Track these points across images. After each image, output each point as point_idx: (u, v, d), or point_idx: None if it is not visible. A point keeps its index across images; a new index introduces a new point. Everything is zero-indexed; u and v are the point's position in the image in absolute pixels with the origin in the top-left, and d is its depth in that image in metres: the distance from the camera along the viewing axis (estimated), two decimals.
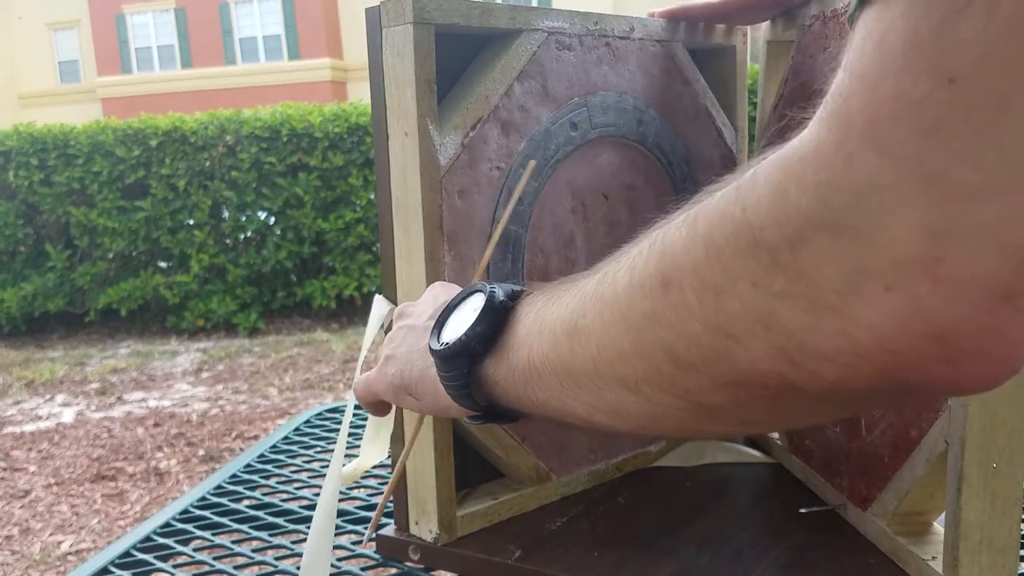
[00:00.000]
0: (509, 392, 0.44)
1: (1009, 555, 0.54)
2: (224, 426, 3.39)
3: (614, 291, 0.36)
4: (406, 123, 0.61)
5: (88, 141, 5.02)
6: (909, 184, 0.25)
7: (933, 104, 0.25)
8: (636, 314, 0.34)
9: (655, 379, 0.34)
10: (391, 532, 0.69)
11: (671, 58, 0.77)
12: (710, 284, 0.31)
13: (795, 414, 0.34)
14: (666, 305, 0.33)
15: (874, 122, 0.26)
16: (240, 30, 17.91)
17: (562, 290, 0.41)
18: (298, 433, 1.05)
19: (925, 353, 0.27)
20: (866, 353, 0.27)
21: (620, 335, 0.35)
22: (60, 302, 5.26)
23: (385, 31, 0.61)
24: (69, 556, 2.35)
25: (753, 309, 0.29)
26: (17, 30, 19.04)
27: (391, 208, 0.64)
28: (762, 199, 0.29)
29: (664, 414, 0.35)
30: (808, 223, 0.27)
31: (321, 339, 4.84)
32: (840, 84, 0.28)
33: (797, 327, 0.28)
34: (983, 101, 0.24)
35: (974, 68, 0.24)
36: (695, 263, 0.31)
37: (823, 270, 0.27)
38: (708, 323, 0.31)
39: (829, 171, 0.27)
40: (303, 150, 4.96)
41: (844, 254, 0.27)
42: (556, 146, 0.69)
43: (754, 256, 0.29)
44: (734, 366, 0.31)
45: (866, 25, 0.27)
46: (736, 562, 0.63)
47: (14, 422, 3.63)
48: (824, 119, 0.28)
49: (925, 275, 0.26)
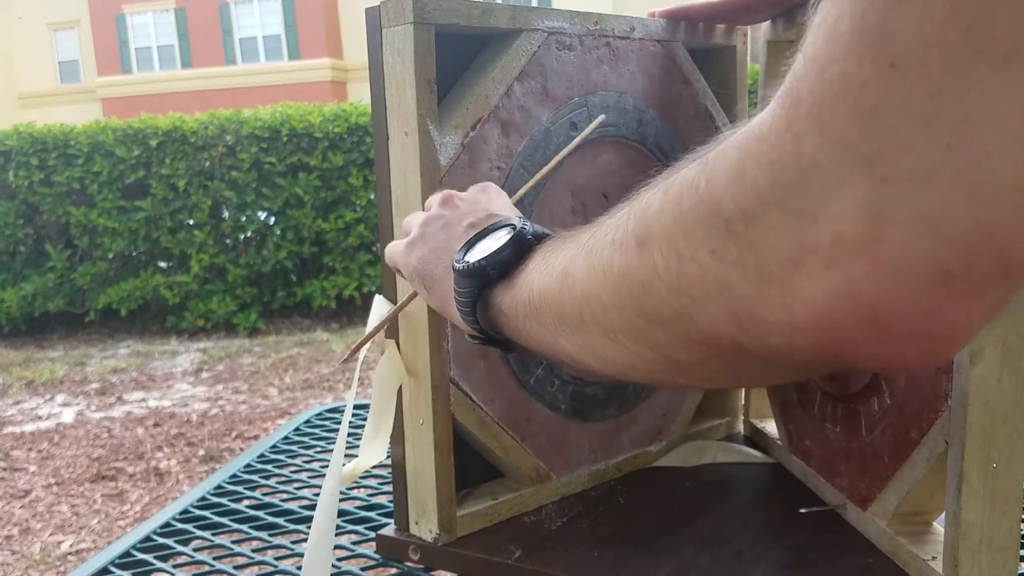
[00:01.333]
0: (511, 323, 0.47)
1: (1009, 555, 0.54)
2: (224, 426, 3.39)
3: (600, 245, 0.38)
4: (406, 123, 0.61)
5: (88, 141, 5.02)
6: (850, 166, 0.26)
7: (874, 89, 0.25)
8: (614, 269, 0.36)
9: (629, 331, 0.37)
10: (391, 532, 0.69)
11: (671, 58, 0.77)
12: (675, 249, 0.33)
13: (750, 375, 0.37)
14: (639, 264, 0.35)
15: (819, 104, 0.27)
16: (240, 30, 17.91)
17: (571, 237, 0.44)
18: (298, 433, 1.05)
19: (857, 332, 0.27)
20: (803, 327, 0.29)
21: (600, 287, 0.38)
22: (60, 302, 5.26)
23: (385, 31, 0.61)
24: (69, 556, 2.35)
25: (710, 275, 0.31)
26: (17, 30, 19.04)
27: (391, 208, 0.64)
28: (723, 173, 0.30)
29: (639, 364, 0.38)
30: (760, 199, 0.29)
31: (321, 339, 4.84)
32: (795, 65, 0.29)
33: (746, 295, 0.30)
34: (920, 87, 0.25)
35: (913, 54, 0.24)
36: (664, 228, 0.33)
37: (772, 244, 0.29)
38: (671, 285, 0.33)
39: (780, 150, 0.28)
40: (303, 150, 4.96)
41: (790, 230, 0.28)
42: (556, 146, 0.69)
43: (713, 226, 0.30)
44: (692, 326, 0.33)
45: (823, 9, 0.28)
46: (736, 562, 0.63)
47: (14, 422, 3.63)
48: (779, 98, 0.29)
49: (863, 256, 0.26)
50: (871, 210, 0.26)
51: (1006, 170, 0.24)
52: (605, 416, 0.78)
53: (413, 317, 0.64)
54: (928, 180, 0.25)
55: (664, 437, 0.83)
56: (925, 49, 0.24)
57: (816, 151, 0.27)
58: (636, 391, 0.80)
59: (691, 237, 0.32)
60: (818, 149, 0.27)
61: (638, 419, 0.81)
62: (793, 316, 0.29)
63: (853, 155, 0.26)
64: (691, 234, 0.32)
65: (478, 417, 0.68)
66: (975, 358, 0.51)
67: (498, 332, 0.49)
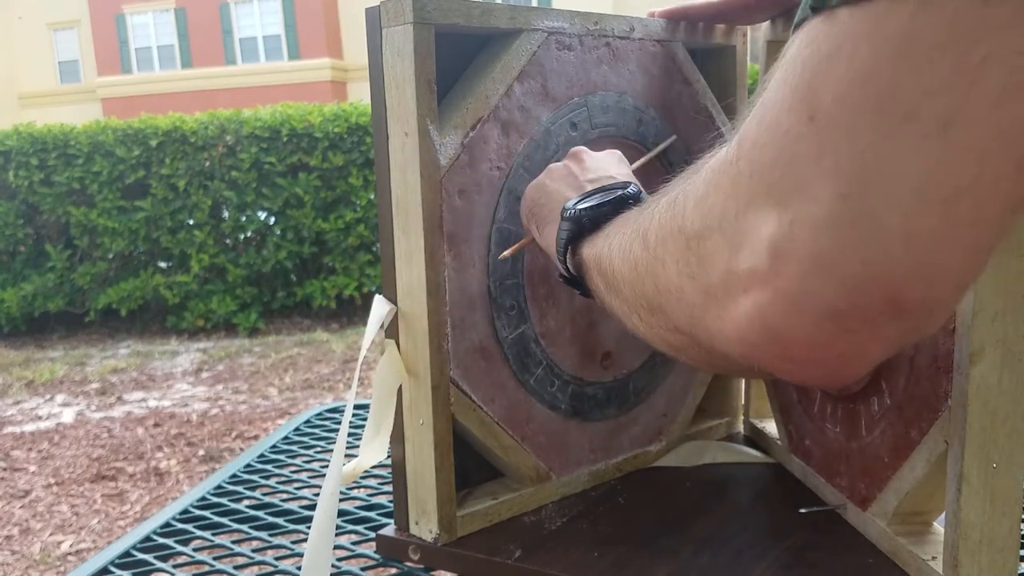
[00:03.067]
0: (587, 273, 0.53)
1: (1009, 555, 0.54)
2: (224, 426, 3.39)
3: (630, 226, 0.45)
4: (406, 123, 0.61)
5: (88, 141, 5.02)
6: (768, 207, 0.29)
7: (793, 139, 0.28)
8: (630, 254, 0.43)
9: (638, 307, 0.43)
10: (391, 532, 0.69)
11: (671, 58, 0.77)
12: (657, 255, 0.38)
13: (723, 366, 0.42)
14: (641, 255, 0.41)
15: (754, 147, 0.30)
16: (240, 30, 17.90)
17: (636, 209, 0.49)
18: (298, 433, 1.05)
19: (769, 351, 0.31)
20: (732, 339, 0.33)
21: (622, 266, 0.44)
22: (60, 302, 5.26)
23: (385, 31, 0.61)
24: (69, 556, 2.35)
25: (674, 283, 0.36)
26: (17, 30, 19.04)
27: (391, 208, 0.64)
28: (692, 193, 0.35)
29: (653, 338, 0.43)
30: (710, 223, 0.33)
31: (321, 339, 4.84)
32: (754, 107, 0.32)
33: (695, 305, 0.35)
34: (831, 141, 0.27)
35: (829, 110, 0.27)
36: (655, 229, 0.39)
37: (714, 264, 0.33)
38: (654, 280, 0.39)
39: (725, 183, 0.32)
40: (303, 150, 4.96)
41: (725, 256, 0.32)
42: (556, 146, 0.69)
43: (680, 240, 0.35)
44: (667, 320, 0.38)
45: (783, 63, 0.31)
46: (736, 562, 0.63)
47: (14, 422, 3.63)
48: (735, 135, 0.33)
49: (766, 287, 0.30)
50: (775, 248, 0.29)
51: (895, 221, 0.27)
52: (605, 416, 0.78)
53: (413, 317, 0.64)
54: (828, 228, 0.28)
55: (664, 437, 0.83)
56: (838, 108, 0.27)
57: (748, 189, 0.31)
58: (636, 391, 0.80)
59: (667, 246, 0.37)
60: (750, 187, 0.30)
61: (638, 419, 0.81)
62: (725, 329, 0.33)
63: (771, 197, 0.29)
64: (666, 244, 0.37)
65: (478, 417, 0.68)
66: (975, 358, 0.51)
67: (581, 278, 0.54)
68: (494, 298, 0.67)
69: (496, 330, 0.68)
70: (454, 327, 0.65)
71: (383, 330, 0.66)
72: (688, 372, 0.84)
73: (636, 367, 0.79)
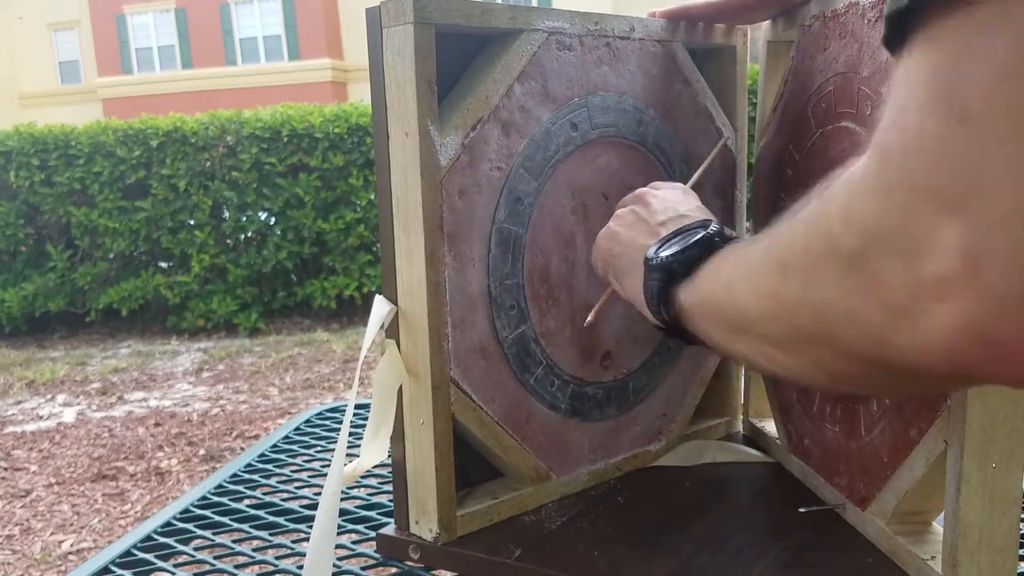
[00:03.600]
0: (690, 320, 0.51)
1: (1008, 555, 0.54)
2: (225, 426, 3.39)
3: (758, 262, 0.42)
4: (406, 123, 0.61)
5: (89, 141, 5.02)
6: (941, 213, 0.29)
7: (949, 142, 0.28)
8: (768, 288, 0.40)
9: (788, 344, 0.40)
10: (391, 531, 0.69)
11: (671, 58, 0.77)
12: (810, 279, 0.36)
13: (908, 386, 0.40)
14: (784, 286, 0.39)
15: (904, 155, 0.30)
16: (240, 30, 17.90)
17: (745, 245, 0.48)
18: (298, 433, 1.06)
19: (981, 356, 0.30)
20: (935, 352, 0.31)
21: (758, 303, 0.42)
22: (61, 302, 5.26)
23: (385, 31, 0.61)
24: (70, 555, 2.36)
25: (842, 306, 0.34)
26: (17, 30, 19.04)
27: (391, 208, 0.64)
28: (836, 215, 0.34)
29: (806, 372, 0.41)
30: (870, 240, 0.32)
31: (321, 339, 4.84)
32: (884, 116, 0.32)
33: (876, 323, 0.33)
34: (992, 140, 0.27)
35: (980, 109, 0.27)
36: (799, 256, 0.37)
37: (892, 280, 0.31)
38: (813, 309, 0.36)
39: (877, 199, 0.31)
40: (303, 150, 4.96)
41: (901, 268, 0.31)
42: (556, 146, 0.69)
43: (834, 264, 0.34)
44: (840, 345, 0.36)
45: (904, 64, 0.31)
46: (736, 561, 0.63)
47: (15, 422, 3.64)
48: (872, 147, 0.32)
49: (968, 290, 0.29)
50: (968, 251, 0.28)
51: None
52: (605, 416, 0.78)
53: (413, 317, 0.64)
54: (1011, 221, 0.27)
55: (664, 437, 0.83)
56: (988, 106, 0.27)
57: (908, 198, 0.30)
58: (636, 391, 0.80)
59: (821, 272, 0.35)
60: (910, 197, 0.30)
61: (638, 419, 0.81)
62: (921, 343, 0.31)
63: (942, 202, 0.29)
64: (820, 269, 0.35)
65: (478, 417, 0.68)
66: None
67: (680, 326, 0.53)
68: (494, 298, 0.67)
69: (496, 330, 0.68)
70: (454, 327, 0.65)
71: (383, 330, 0.66)
72: (687, 372, 0.84)
73: (636, 367, 0.79)
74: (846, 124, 0.66)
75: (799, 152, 0.74)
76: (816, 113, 0.71)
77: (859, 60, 0.64)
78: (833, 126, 0.68)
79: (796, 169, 0.75)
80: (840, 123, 0.67)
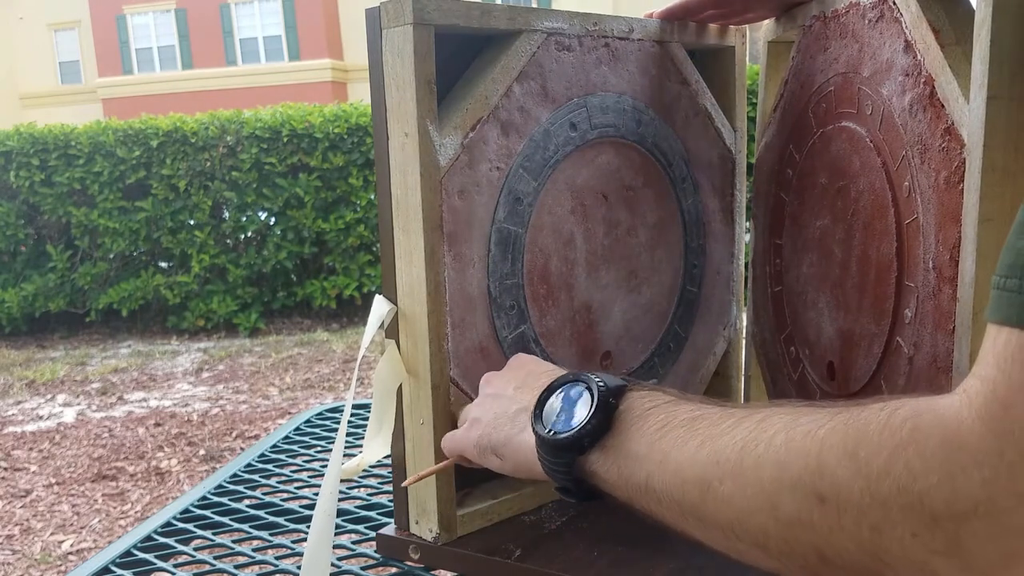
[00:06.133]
0: (616, 491, 0.48)
1: None
2: (225, 426, 3.39)
3: (758, 476, 0.39)
4: (406, 124, 0.62)
5: (89, 142, 5.02)
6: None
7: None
8: (787, 512, 0.37)
9: (799, 561, 0.38)
10: (391, 531, 0.69)
11: (670, 59, 0.77)
12: (869, 520, 0.34)
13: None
14: (820, 516, 0.36)
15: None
16: (240, 31, 17.92)
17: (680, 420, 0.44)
18: (298, 433, 1.06)
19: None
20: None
21: (767, 521, 0.38)
22: (61, 302, 5.26)
23: (385, 32, 0.62)
24: (70, 555, 2.36)
25: (912, 555, 0.33)
26: (18, 30, 19.05)
27: (391, 208, 0.64)
28: (931, 472, 0.33)
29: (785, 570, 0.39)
30: (973, 510, 0.31)
31: (321, 339, 4.84)
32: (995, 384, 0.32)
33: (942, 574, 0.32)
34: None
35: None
36: (854, 497, 0.35)
37: (983, 547, 0.31)
38: (863, 547, 0.35)
39: (994, 472, 0.31)
40: (303, 151, 4.97)
41: (1003, 540, 0.31)
42: (555, 147, 0.70)
43: (917, 515, 0.33)
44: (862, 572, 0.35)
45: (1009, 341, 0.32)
46: (736, 561, 0.63)
47: (15, 422, 3.64)
48: (980, 408, 0.32)
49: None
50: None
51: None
52: None
53: (413, 317, 0.64)
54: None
55: None
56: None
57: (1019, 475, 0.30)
58: None
59: (891, 518, 0.33)
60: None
61: None
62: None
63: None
64: (891, 515, 0.33)
65: None
66: (975, 358, 0.51)
67: (592, 490, 0.50)
68: (494, 298, 0.67)
69: (496, 330, 0.68)
70: (454, 327, 0.65)
71: (383, 330, 0.66)
72: (687, 372, 0.84)
73: (636, 367, 0.80)
74: (846, 124, 0.66)
75: (799, 152, 0.74)
76: (816, 113, 0.71)
77: (859, 60, 0.64)
78: (833, 126, 0.68)
79: (796, 169, 0.75)
80: (840, 123, 0.67)
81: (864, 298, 0.64)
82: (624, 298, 0.77)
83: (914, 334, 0.58)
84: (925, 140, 0.55)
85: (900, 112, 0.58)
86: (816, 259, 0.72)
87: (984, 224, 0.49)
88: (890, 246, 0.60)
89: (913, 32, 0.57)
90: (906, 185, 0.58)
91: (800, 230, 0.74)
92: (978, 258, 0.49)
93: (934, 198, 0.55)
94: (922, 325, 0.57)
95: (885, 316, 0.61)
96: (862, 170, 0.64)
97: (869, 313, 0.64)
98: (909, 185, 0.58)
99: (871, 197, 0.63)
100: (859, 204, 0.64)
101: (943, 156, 0.53)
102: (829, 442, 0.36)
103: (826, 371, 0.71)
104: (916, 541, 0.33)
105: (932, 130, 0.55)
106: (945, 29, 0.54)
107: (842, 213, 0.67)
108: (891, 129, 0.60)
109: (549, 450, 0.50)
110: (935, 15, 0.55)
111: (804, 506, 0.36)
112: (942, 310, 0.54)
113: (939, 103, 0.54)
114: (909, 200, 0.58)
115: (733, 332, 0.87)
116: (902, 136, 0.58)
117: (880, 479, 0.34)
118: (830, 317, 0.70)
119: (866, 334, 0.64)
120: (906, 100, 0.58)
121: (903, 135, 0.58)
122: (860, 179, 0.64)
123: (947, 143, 0.53)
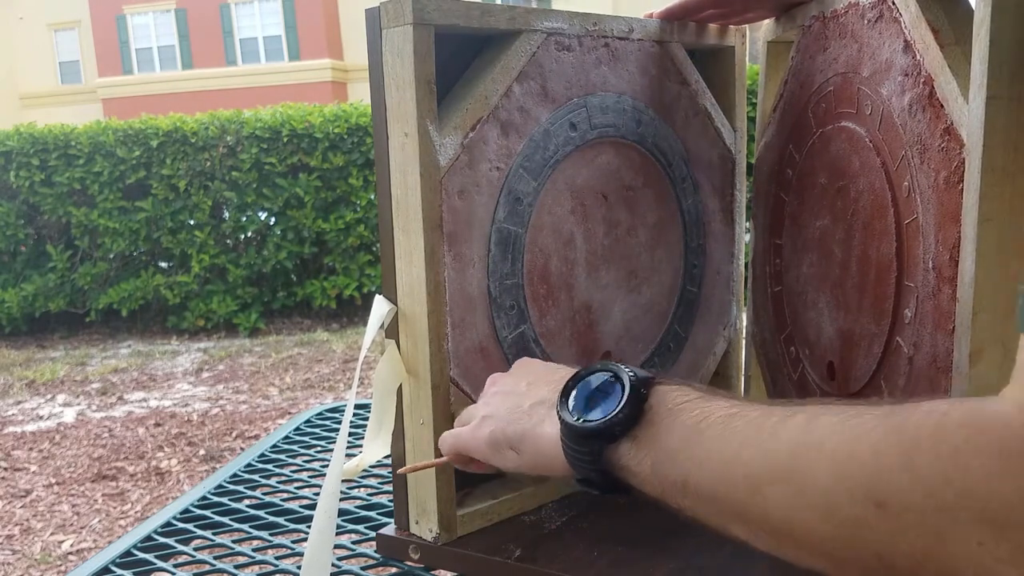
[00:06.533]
0: (647, 485, 0.47)
1: None
2: (225, 426, 3.39)
3: (812, 481, 0.38)
4: (406, 124, 0.62)
5: (89, 142, 5.02)
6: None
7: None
8: (843, 515, 0.37)
9: (857, 565, 0.37)
10: (391, 531, 0.69)
11: (670, 59, 0.77)
12: (933, 526, 0.34)
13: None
14: (879, 519, 0.36)
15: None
16: (240, 31, 17.92)
17: (718, 418, 0.43)
18: (298, 433, 1.06)
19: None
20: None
21: (821, 525, 0.38)
22: (61, 302, 5.26)
23: (385, 32, 0.62)
24: (70, 555, 2.36)
25: (975, 562, 0.33)
26: (18, 30, 19.05)
27: (391, 208, 0.64)
28: (990, 479, 0.33)
29: (834, 572, 0.39)
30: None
31: (321, 339, 4.84)
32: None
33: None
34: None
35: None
36: (915, 502, 0.34)
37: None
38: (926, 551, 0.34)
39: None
40: (303, 151, 4.97)
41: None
42: (555, 147, 0.70)
43: (982, 523, 0.33)
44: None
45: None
46: (736, 561, 0.63)
47: (15, 422, 3.64)
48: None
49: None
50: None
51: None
52: None
53: (413, 317, 0.64)
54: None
55: None
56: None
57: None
58: None
59: (956, 525, 0.33)
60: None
61: None
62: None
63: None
64: (956, 523, 0.33)
65: None
66: (975, 358, 0.51)
67: (618, 482, 0.49)
68: (494, 298, 0.68)
69: (496, 330, 0.68)
70: (454, 327, 0.65)
71: (383, 330, 0.66)
72: (687, 372, 0.84)
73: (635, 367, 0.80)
74: (846, 124, 0.66)
75: (799, 152, 0.74)
76: (816, 113, 0.71)
77: (859, 60, 0.64)
78: (833, 126, 0.68)
79: (796, 169, 0.75)
80: (840, 123, 0.67)
81: (864, 298, 0.64)
82: (624, 298, 0.77)
83: (914, 334, 0.58)
84: (924, 140, 0.55)
85: (900, 112, 0.58)
86: (816, 259, 0.72)
87: (984, 224, 0.49)
88: (890, 246, 0.60)
89: (912, 32, 0.57)
90: (906, 185, 0.58)
91: (800, 230, 0.74)
92: (978, 258, 0.49)
93: (934, 198, 0.55)
94: (922, 325, 0.57)
95: (885, 316, 0.61)
96: (862, 170, 0.64)
97: (869, 313, 0.64)
98: (909, 185, 0.58)
99: (871, 197, 0.63)
100: (859, 204, 0.65)
101: (943, 156, 0.53)
102: (882, 447, 0.36)
103: (826, 371, 0.71)
104: (981, 550, 0.33)
105: (931, 130, 0.55)
106: (944, 29, 0.54)
107: (842, 213, 0.67)
108: (890, 129, 0.60)
109: (575, 438, 0.49)
110: (934, 15, 0.55)
111: (862, 508, 0.36)
112: (942, 310, 0.54)
113: (938, 103, 0.54)
114: (909, 200, 0.58)
115: (733, 332, 0.87)
116: (901, 136, 0.58)
117: (940, 481, 0.34)
118: (830, 317, 0.70)
119: (866, 334, 0.64)
120: (905, 100, 0.58)
121: (903, 135, 0.58)
122: (860, 179, 0.64)
123: (946, 143, 0.53)
